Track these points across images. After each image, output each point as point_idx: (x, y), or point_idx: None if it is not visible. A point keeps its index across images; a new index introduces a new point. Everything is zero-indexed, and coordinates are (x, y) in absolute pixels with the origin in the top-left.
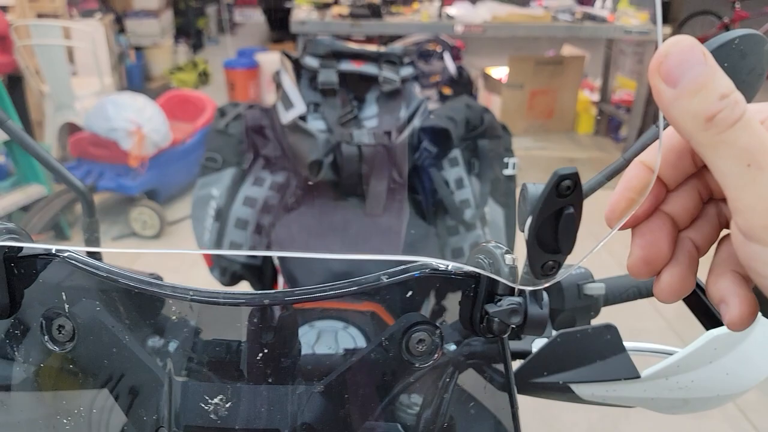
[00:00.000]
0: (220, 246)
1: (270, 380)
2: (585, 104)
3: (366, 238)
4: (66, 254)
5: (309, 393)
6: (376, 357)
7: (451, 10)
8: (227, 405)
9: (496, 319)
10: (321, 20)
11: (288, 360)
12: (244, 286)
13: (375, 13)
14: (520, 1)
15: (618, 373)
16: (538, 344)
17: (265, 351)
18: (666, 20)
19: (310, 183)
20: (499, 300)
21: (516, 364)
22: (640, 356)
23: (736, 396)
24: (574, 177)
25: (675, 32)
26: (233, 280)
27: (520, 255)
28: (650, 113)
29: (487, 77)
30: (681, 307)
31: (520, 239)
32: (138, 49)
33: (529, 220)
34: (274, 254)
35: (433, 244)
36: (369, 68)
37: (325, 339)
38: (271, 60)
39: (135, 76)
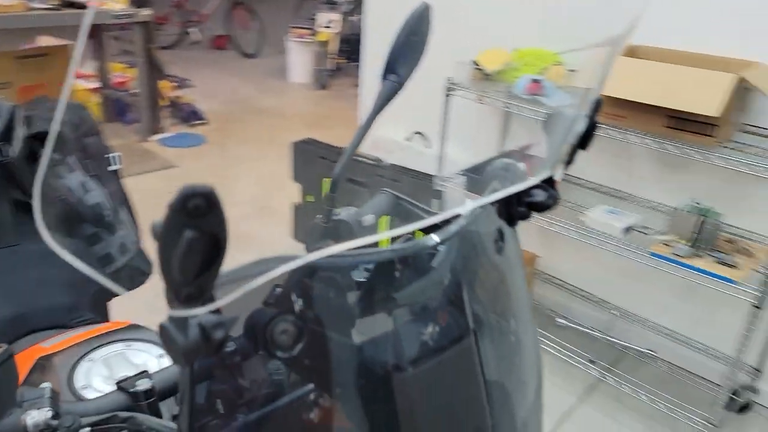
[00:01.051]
0: None
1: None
2: (84, 93)
3: (24, 279)
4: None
5: None
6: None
7: None
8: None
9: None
10: None
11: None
12: None
13: None
14: None
15: None
16: None
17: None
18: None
19: None
20: (532, 193)
21: None
22: None
23: None
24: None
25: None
26: None
27: None
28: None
29: None
30: None
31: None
32: None
33: (578, 128)
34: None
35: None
36: None
37: (120, 363)
38: None
39: None
